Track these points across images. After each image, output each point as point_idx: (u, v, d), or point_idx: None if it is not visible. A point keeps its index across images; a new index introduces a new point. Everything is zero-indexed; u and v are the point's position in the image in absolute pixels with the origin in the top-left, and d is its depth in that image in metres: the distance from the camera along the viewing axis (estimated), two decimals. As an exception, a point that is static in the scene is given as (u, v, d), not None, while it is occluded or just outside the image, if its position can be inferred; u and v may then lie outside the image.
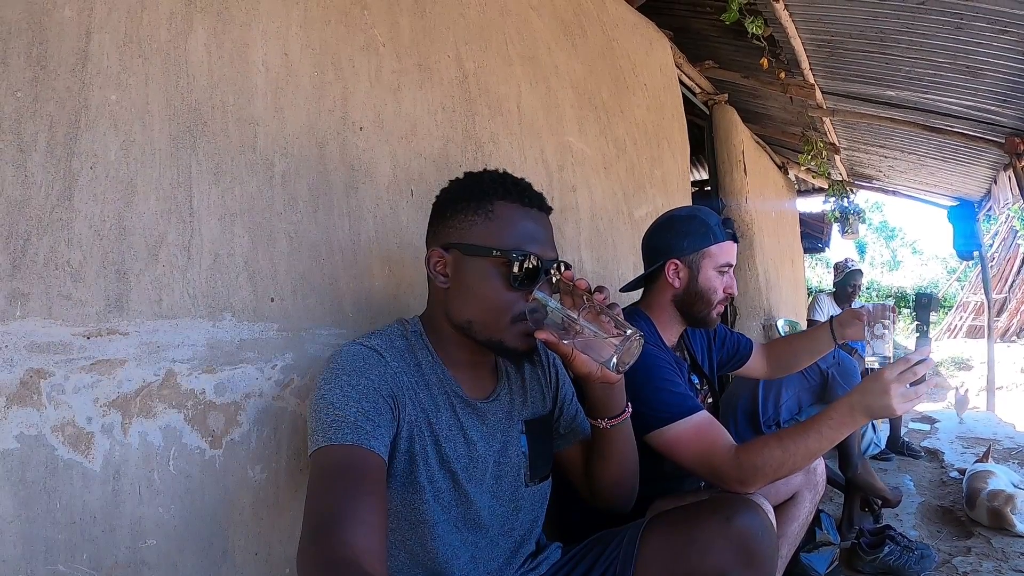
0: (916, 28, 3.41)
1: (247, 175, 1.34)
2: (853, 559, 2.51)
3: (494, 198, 1.18)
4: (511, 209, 1.18)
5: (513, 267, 1.13)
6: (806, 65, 4.25)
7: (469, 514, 1.21)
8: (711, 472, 1.46)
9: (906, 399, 1.29)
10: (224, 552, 1.23)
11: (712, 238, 1.72)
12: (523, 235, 1.17)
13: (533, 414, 1.35)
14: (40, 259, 1.03)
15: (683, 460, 1.50)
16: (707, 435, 1.49)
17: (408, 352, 1.20)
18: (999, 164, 5.11)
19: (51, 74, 1.06)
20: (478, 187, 1.20)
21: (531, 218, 1.20)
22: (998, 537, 2.75)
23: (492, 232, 1.16)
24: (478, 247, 1.16)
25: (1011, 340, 12.23)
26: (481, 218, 1.17)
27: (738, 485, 1.42)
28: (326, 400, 1.05)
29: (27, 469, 0.99)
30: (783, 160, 7.50)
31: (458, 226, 1.19)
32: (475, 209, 1.18)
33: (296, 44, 1.48)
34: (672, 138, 3.74)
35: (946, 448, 4.56)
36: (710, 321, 1.76)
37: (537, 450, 1.33)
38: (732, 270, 1.75)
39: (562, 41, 2.68)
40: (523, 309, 1.15)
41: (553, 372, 1.43)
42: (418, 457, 1.15)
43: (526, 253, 1.15)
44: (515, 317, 1.16)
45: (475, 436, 1.23)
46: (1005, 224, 13.74)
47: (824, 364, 3.08)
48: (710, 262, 1.72)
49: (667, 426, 1.51)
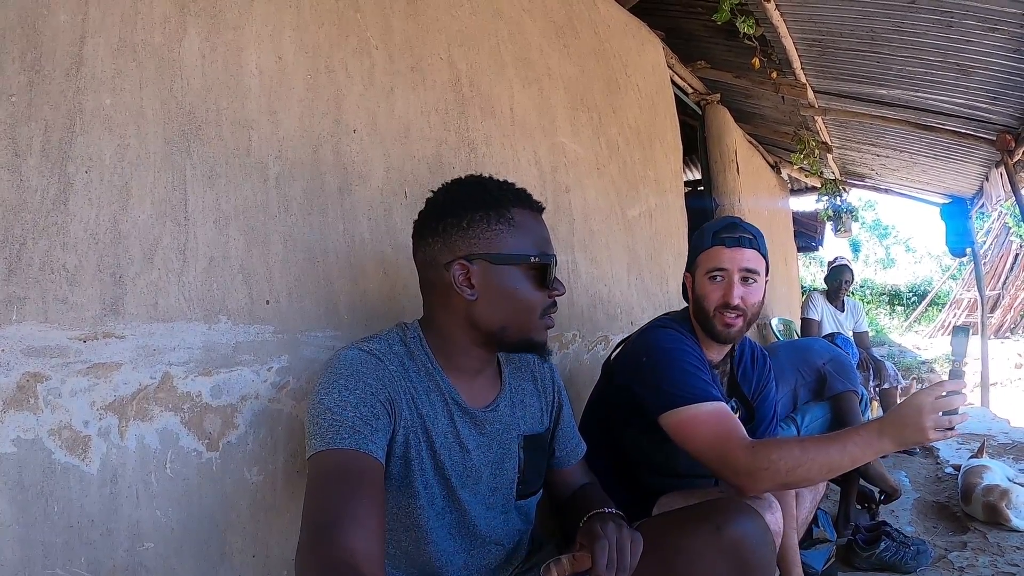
0: (907, 26, 3.43)
1: (241, 178, 1.34)
2: (850, 555, 2.52)
3: (510, 205, 1.21)
4: (527, 216, 1.23)
5: (546, 272, 1.21)
6: (798, 64, 4.27)
7: (463, 521, 1.22)
8: (722, 458, 1.40)
9: (939, 427, 1.26)
10: (222, 554, 1.23)
11: (702, 245, 1.68)
12: (542, 239, 1.24)
13: (531, 430, 1.35)
14: (36, 263, 1.03)
15: (695, 442, 1.45)
16: (725, 422, 1.45)
17: (407, 357, 1.19)
18: (991, 161, 5.13)
19: (45, 78, 1.07)
20: (489, 195, 1.21)
21: (540, 221, 1.26)
22: (994, 532, 2.75)
23: (520, 240, 1.19)
24: (511, 256, 1.18)
25: (1005, 336, 12.28)
26: (505, 227, 1.19)
27: (747, 479, 1.36)
28: (324, 405, 1.05)
29: (24, 473, 0.99)
30: (776, 159, 7.52)
31: (482, 236, 1.18)
32: (496, 219, 1.18)
33: (289, 47, 1.48)
34: (665, 138, 3.75)
35: (941, 444, 4.56)
36: (715, 333, 1.64)
37: (532, 466, 1.33)
38: (735, 275, 1.61)
39: (554, 42, 2.68)
40: (548, 305, 1.24)
41: (554, 394, 1.44)
42: (413, 462, 1.15)
43: (550, 257, 1.22)
44: (543, 313, 1.23)
45: (471, 445, 1.23)
46: (997, 221, 13.79)
47: (820, 361, 3.09)
48: (701, 269, 1.67)
49: (686, 406, 1.46)
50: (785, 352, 3.24)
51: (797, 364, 3.12)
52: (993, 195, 5.41)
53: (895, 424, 1.29)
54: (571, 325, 2.43)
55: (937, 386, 1.27)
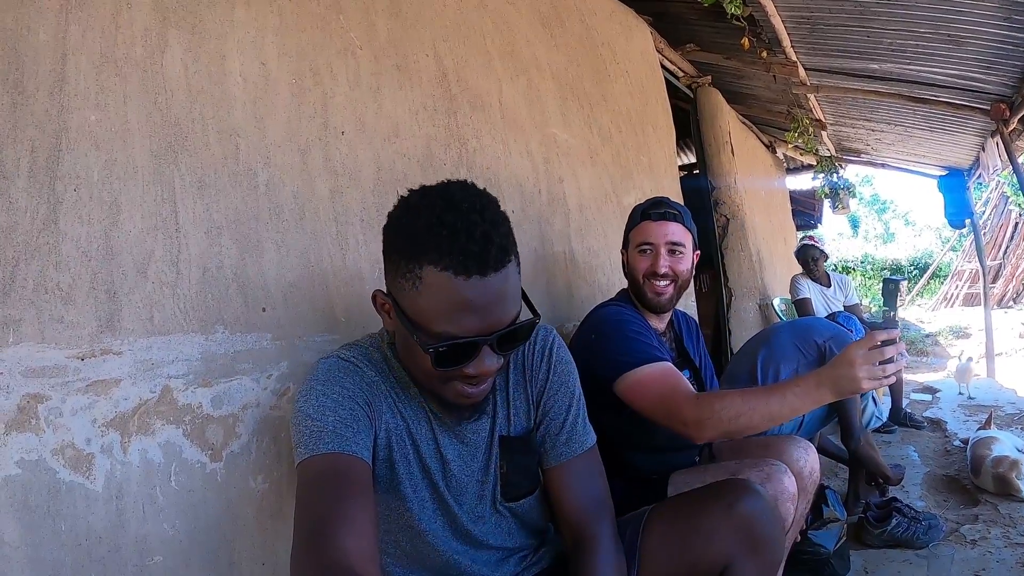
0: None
1: (231, 187, 1.34)
2: (861, 533, 2.52)
3: (424, 262, 0.97)
4: (442, 280, 0.97)
5: (435, 354, 1.01)
6: (787, 43, 4.24)
7: (456, 525, 1.20)
8: (668, 413, 1.49)
9: (873, 377, 1.29)
10: (231, 564, 1.24)
11: (631, 223, 1.88)
12: (455, 314, 0.99)
13: (516, 429, 1.25)
14: (30, 284, 1.03)
15: (644, 403, 1.55)
16: (669, 379, 1.55)
17: (384, 363, 1.17)
18: (986, 131, 5.10)
19: (29, 98, 1.06)
20: (412, 239, 1.00)
21: (469, 289, 0.97)
22: (1005, 503, 2.76)
23: (419, 306, 1.00)
24: (405, 317, 1.03)
25: (1008, 306, 12.26)
26: (409, 284, 1.00)
27: (694, 428, 1.44)
28: (303, 412, 1.05)
29: (30, 494, 0.99)
30: (770, 139, 7.50)
31: (392, 279, 1.05)
32: (404, 271, 1.00)
33: (273, 53, 1.48)
34: (657, 123, 3.74)
35: (948, 417, 4.57)
36: (648, 302, 1.82)
37: (515, 468, 1.24)
38: (662, 248, 1.79)
39: (541, 33, 2.67)
40: (457, 378, 1.06)
41: (539, 382, 1.27)
42: (399, 465, 1.14)
43: (450, 343, 1.00)
44: (446, 382, 1.08)
45: (450, 455, 1.19)
46: (996, 191, 13.75)
47: (820, 339, 3.08)
48: (632, 244, 1.86)
49: (632, 370, 1.56)
50: (787, 331, 3.23)
51: (798, 343, 3.11)
52: (990, 165, 5.39)
53: (831, 376, 1.34)
54: (571, 316, 2.42)
55: (869, 336, 1.31)
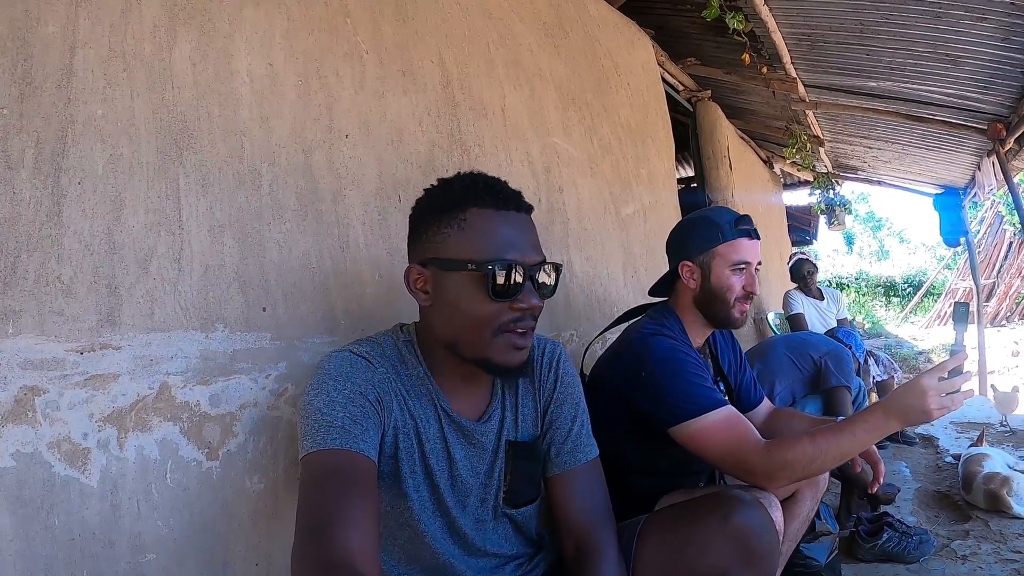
0: (895, 18, 3.45)
1: (235, 186, 1.34)
2: (853, 547, 2.52)
3: (466, 206, 1.09)
4: (485, 216, 1.09)
5: (492, 278, 1.06)
6: (787, 59, 4.28)
7: (454, 528, 1.20)
8: (738, 464, 1.46)
9: (942, 406, 1.29)
10: (224, 563, 1.23)
11: (720, 237, 1.71)
12: (501, 242, 1.09)
13: (523, 436, 1.27)
14: (31, 276, 1.03)
15: (710, 452, 1.49)
16: (737, 428, 1.49)
17: (399, 361, 1.18)
18: (982, 150, 5.15)
19: (36, 90, 1.06)
20: (449, 195, 1.12)
21: (508, 221, 1.11)
22: (995, 519, 2.77)
23: (467, 243, 1.08)
24: (454, 261, 1.09)
25: (1001, 324, 12.30)
26: (455, 229, 1.09)
27: (765, 480, 1.42)
28: (313, 406, 1.05)
29: (24, 487, 0.99)
30: (768, 154, 7.54)
31: (433, 240, 1.12)
32: (448, 221, 1.10)
33: (280, 54, 1.48)
34: (656, 136, 3.76)
35: (940, 434, 4.58)
36: (732, 321, 1.73)
37: (519, 475, 1.25)
38: (753, 267, 1.72)
39: (544, 43, 2.69)
40: (508, 319, 1.09)
41: (552, 392, 1.30)
42: (403, 464, 1.14)
43: (506, 262, 1.07)
44: (499, 328, 1.09)
45: (458, 455, 1.19)
46: (991, 210, 13.81)
47: (817, 354, 3.11)
48: (721, 261, 1.70)
49: (695, 418, 1.49)
50: (783, 346, 3.25)
51: (794, 357, 3.13)
52: (985, 184, 5.43)
53: (900, 408, 1.33)
54: (568, 325, 2.43)
55: (940, 366, 1.31)
